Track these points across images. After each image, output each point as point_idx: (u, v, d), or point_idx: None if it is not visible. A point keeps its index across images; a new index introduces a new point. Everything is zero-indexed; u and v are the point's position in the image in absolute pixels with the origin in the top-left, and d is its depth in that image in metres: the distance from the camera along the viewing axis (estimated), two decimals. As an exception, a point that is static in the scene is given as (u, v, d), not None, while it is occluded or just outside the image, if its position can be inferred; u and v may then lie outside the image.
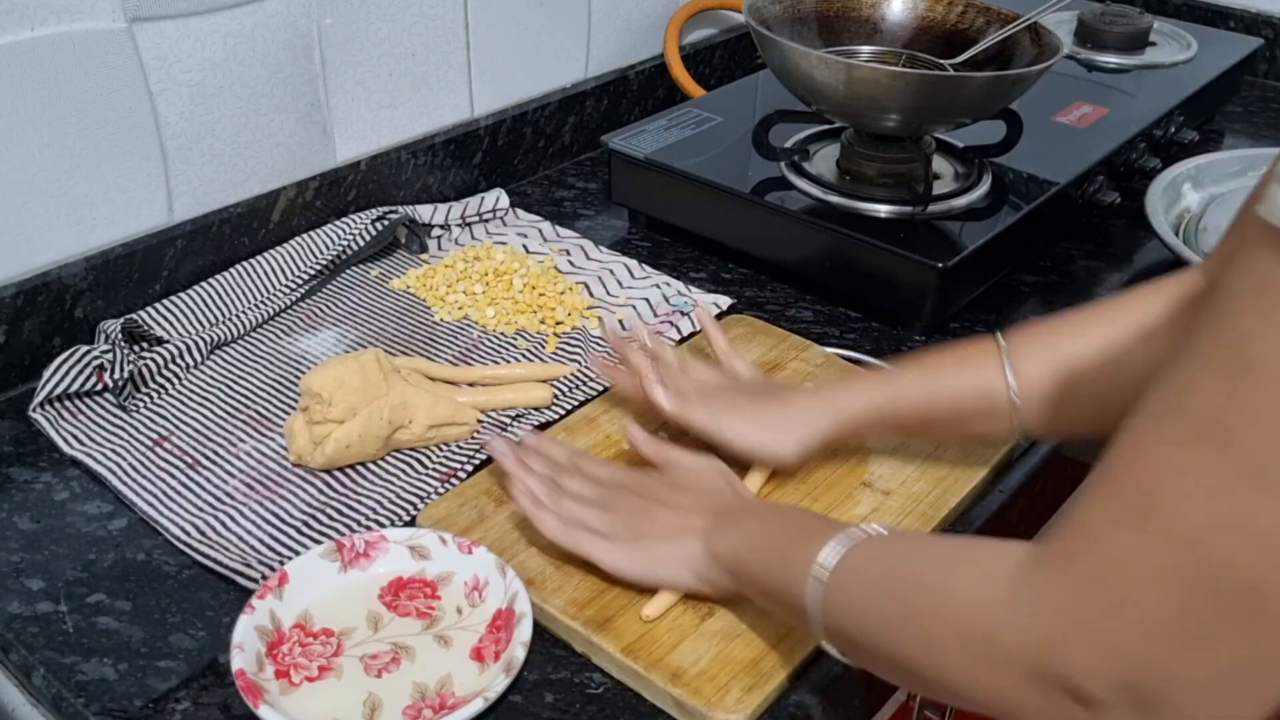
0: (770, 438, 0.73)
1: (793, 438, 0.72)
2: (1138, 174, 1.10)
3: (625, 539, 0.66)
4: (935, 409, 0.72)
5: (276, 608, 0.66)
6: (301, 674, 0.63)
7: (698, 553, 0.64)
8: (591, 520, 0.67)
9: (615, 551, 0.66)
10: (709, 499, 0.68)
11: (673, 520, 0.66)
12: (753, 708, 0.60)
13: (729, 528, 0.64)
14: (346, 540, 0.69)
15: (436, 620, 0.66)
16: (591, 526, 0.67)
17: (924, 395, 0.72)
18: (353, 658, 0.64)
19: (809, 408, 0.73)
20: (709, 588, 0.65)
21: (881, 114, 0.93)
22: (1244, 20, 1.46)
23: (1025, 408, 0.69)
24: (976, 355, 0.71)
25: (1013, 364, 0.69)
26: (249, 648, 0.63)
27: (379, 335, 0.92)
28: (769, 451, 0.73)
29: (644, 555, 0.66)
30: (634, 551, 0.66)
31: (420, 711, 0.61)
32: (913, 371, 0.73)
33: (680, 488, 0.69)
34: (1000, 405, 0.69)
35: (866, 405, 0.72)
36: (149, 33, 0.86)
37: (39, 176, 0.83)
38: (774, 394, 0.76)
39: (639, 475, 0.71)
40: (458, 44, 1.09)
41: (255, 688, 0.60)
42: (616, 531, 0.67)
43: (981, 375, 0.70)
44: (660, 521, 0.67)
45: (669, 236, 1.08)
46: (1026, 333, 0.70)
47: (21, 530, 0.73)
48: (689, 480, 0.70)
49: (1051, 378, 0.68)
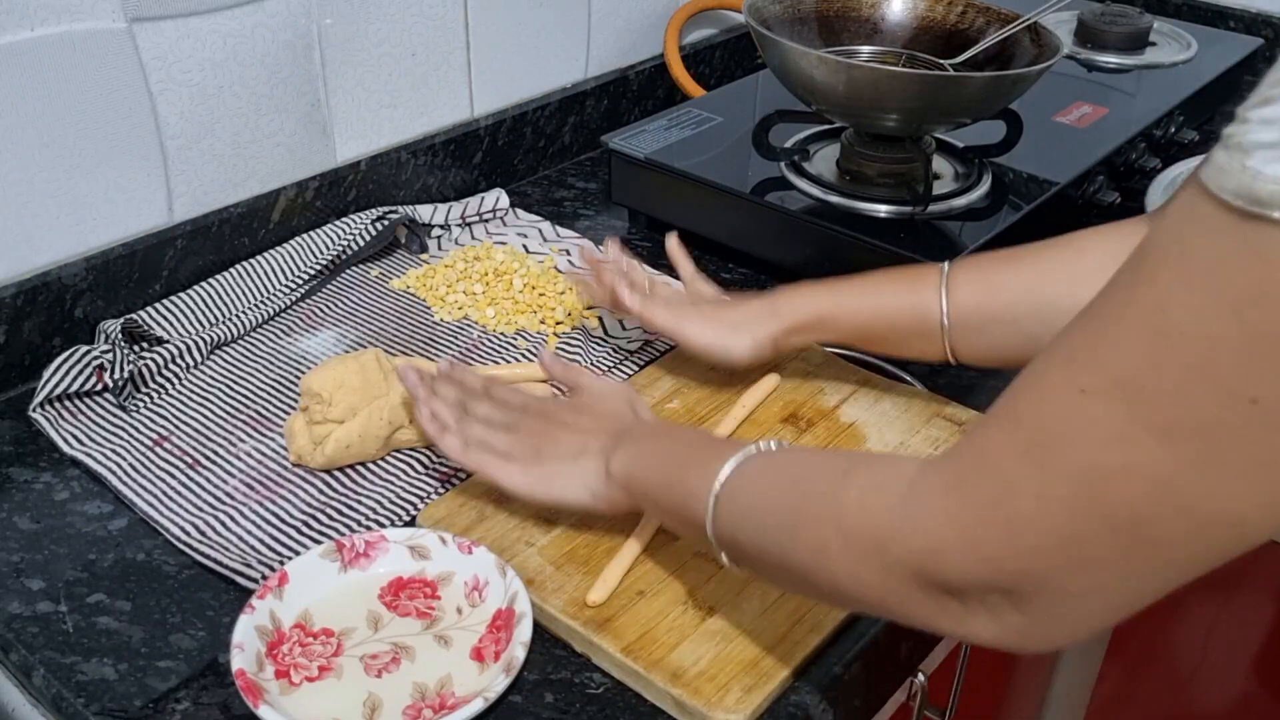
0: (725, 336, 0.79)
1: (746, 336, 0.79)
2: (1138, 174, 1.10)
3: (526, 460, 0.68)
4: (873, 323, 0.77)
5: (276, 608, 0.66)
6: (301, 674, 0.63)
7: (594, 471, 0.67)
8: (494, 441, 0.70)
9: (514, 472, 0.68)
10: (610, 420, 0.70)
11: (573, 441, 0.68)
12: (753, 708, 0.60)
13: (626, 446, 0.66)
14: (346, 540, 0.69)
15: (436, 620, 0.66)
16: (494, 448, 0.69)
17: (864, 308, 0.77)
18: (353, 658, 0.64)
19: (760, 311, 0.79)
20: (606, 505, 0.67)
21: (881, 114, 0.93)
22: (1244, 20, 1.46)
23: (954, 332, 0.73)
24: (919, 277, 0.75)
25: (949, 289, 0.73)
26: (249, 648, 0.63)
27: (379, 335, 0.92)
28: (723, 347, 0.79)
29: (542, 475, 0.68)
30: (533, 472, 0.68)
31: (420, 711, 0.61)
32: (858, 285, 0.78)
33: (583, 410, 0.71)
34: (933, 327, 0.74)
35: (811, 311, 0.78)
36: (149, 33, 0.86)
37: (39, 176, 0.84)
38: (730, 301, 0.82)
39: (546, 400, 0.74)
40: (458, 44, 1.09)
41: (255, 687, 0.60)
42: (518, 452, 0.69)
43: (919, 296, 0.74)
44: (561, 443, 0.69)
45: (669, 236, 1.08)
46: (968, 262, 0.75)
47: (21, 530, 0.73)
48: (592, 403, 0.72)
49: (981, 306, 0.73)
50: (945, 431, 0.80)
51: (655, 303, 0.81)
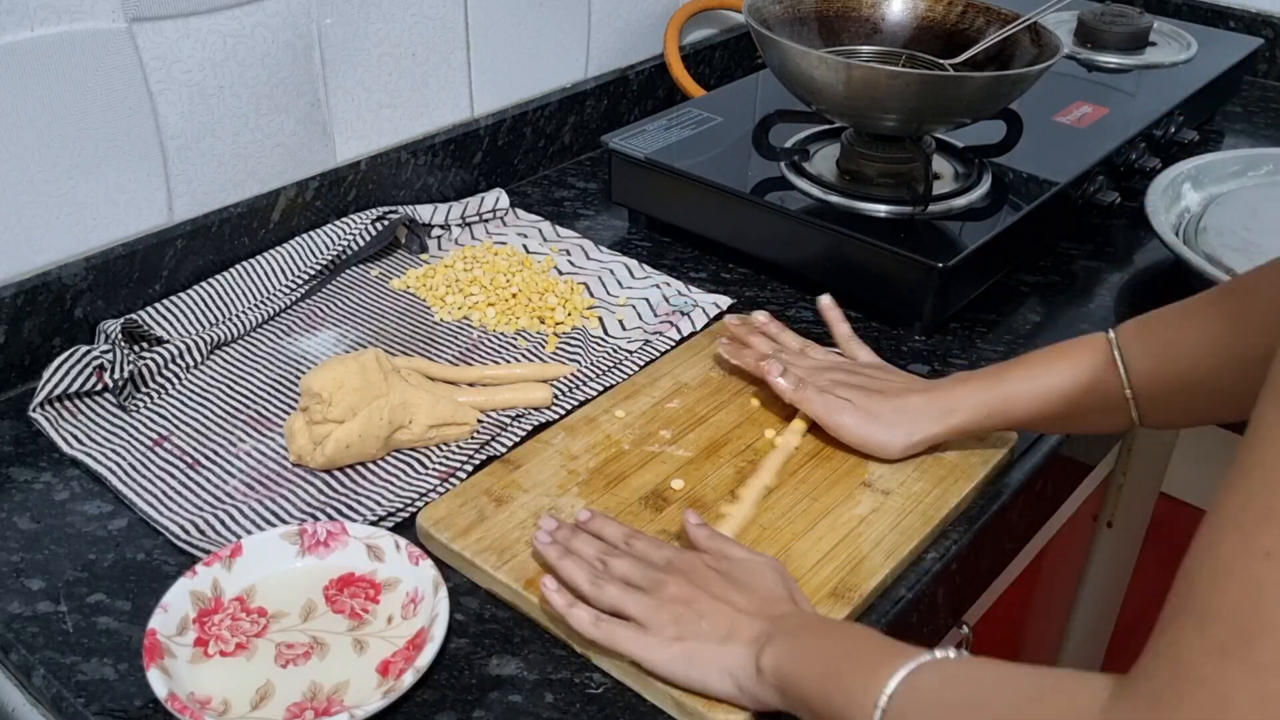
0: (879, 433, 0.76)
1: (901, 435, 0.75)
2: (1138, 174, 1.10)
3: (665, 633, 0.61)
4: (1048, 407, 0.72)
5: (222, 577, 0.67)
6: (218, 647, 0.64)
7: (743, 663, 0.59)
8: (631, 607, 0.62)
9: (653, 648, 0.61)
10: (765, 605, 0.61)
11: (721, 620, 0.60)
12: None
13: (782, 640, 0.58)
14: (310, 527, 0.70)
15: (365, 624, 0.66)
16: (631, 614, 0.62)
17: (1036, 393, 0.72)
18: (271, 642, 0.65)
19: (920, 407, 0.75)
20: (750, 701, 0.59)
21: (881, 114, 0.93)
22: (1244, 20, 1.46)
23: (1141, 401, 0.69)
24: (1088, 351, 0.71)
25: (1124, 360, 0.69)
26: (174, 610, 0.64)
27: (379, 335, 0.92)
28: (877, 445, 0.76)
29: (683, 655, 0.60)
30: (673, 649, 0.60)
31: (303, 711, 0.61)
32: (1023, 369, 0.74)
33: (736, 584, 0.63)
34: (1115, 400, 0.69)
35: (978, 405, 0.74)
36: (149, 33, 0.86)
37: (39, 176, 0.84)
38: (887, 389, 0.78)
39: (693, 559, 0.65)
40: (458, 44, 1.09)
41: (157, 649, 0.61)
42: (657, 623, 0.61)
43: (1093, 371, 0.70)
44: (708, 619, 0.61)
45: (669, 236, 1.08)
46: (1136, 326, 0.70)
47: (21, 530, 0.73)
48: (745, 577, 0.63)
49: (1161, 369, 0.68)
50: (945, 431, 0.80)
51: (807, 389, 0.78)
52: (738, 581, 0.63)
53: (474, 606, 0.68)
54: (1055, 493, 0.90)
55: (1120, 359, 0.69)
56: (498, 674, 0.64)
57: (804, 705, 0.56)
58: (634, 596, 0.63)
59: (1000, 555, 0.85)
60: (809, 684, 0.56)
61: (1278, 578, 0.35)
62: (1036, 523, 0.90)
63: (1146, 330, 0.69)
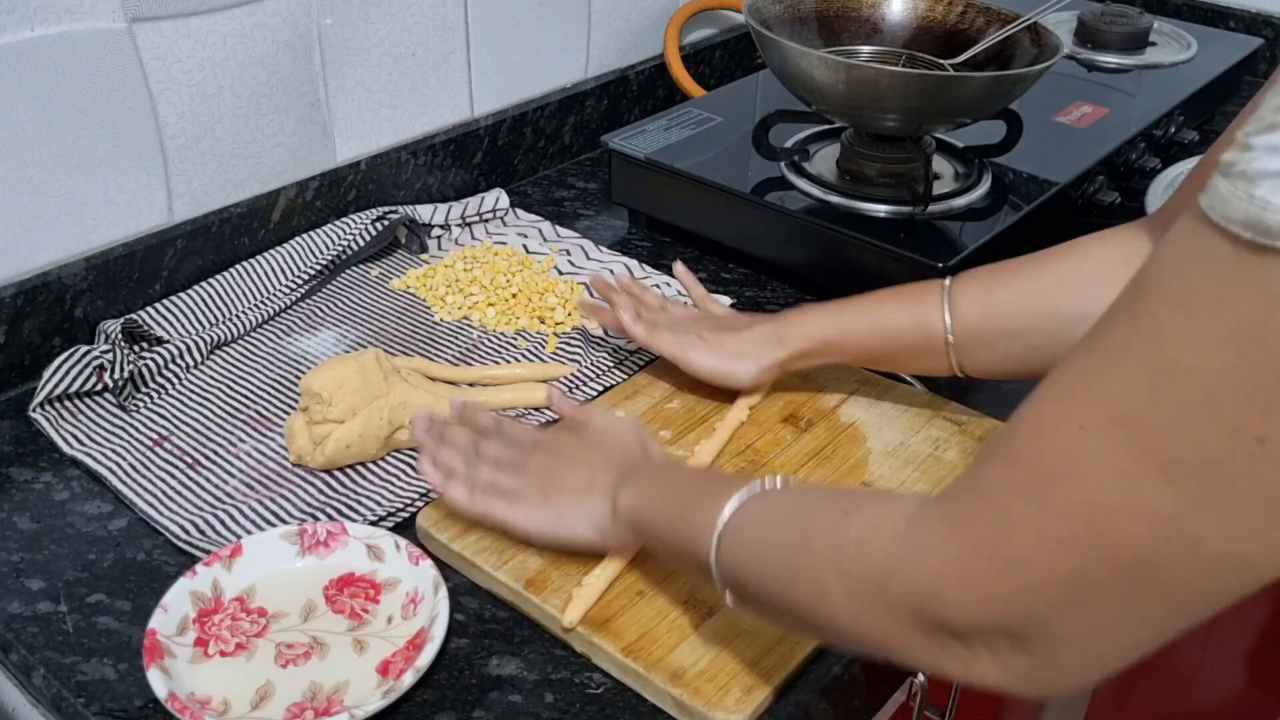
0: (729, 362, 0.80)
1: (750, 363, 0.79)
2: (1138, 174, 1.10)
3: (533, 498, 0.68)
4: (878, 343, 0.77)
5: (221, 577, 0.67)
6: (218, 647, 0.64)
7: (602, 509, 0.66)
8: (503, 481, 0.69)
9: (522, 513, 0.68)
10: (618, 456, 0.69)
11: (580, 478, 0.68)
12: (753, 708, 0.60)
13: (633, 484, 0.65)
14: (310, 527, 0.70)
15: (364, 624, 0.66)
16: (502, 488, 0.68)
17: (868, 328, 0.77)
18: (271, 642, 0.65)
19: (763, 335, 0.80)
20: (614, 543, 0.67)
21: (881, 114, 0.93)
22: (1244, 20, 1.46)
23: (960, 347, 0.73)
24: (922, 294, 0.75)
25: (951, 305, 0.73)
26: (174, 610, 0.64)
27: (379, 335, 0.92)
28: (728, 374, 0.80)
29: (549, 513, 0.67)
30: (540, 511, 0.67)
31: (303, 711, 0.61)
32: (860, 305, 0.78)
33: (592, 445, 0.70)
34: (938, 343, 0.74)
35: (815, 334, 0.78)
36: (149, 33, 0.86)
37: (39, 176, 0.83)
38: (734, 325, 0.82)
39: (555, 435, 0.73)
40: (458, 44, 1.09)
41: (158, 649, 0.61)
42: (525, 491, 0.68)
43: (923, 313, 0.74)
44: (569, 480, 0.68)
45: (669, 236, 1.08)
46: (969, 275, 0.74)
47: (21, 530, 0.73)
48: (601, 438, 0.71)
49: (985, 320, 0.72)
50: (945, 431, 0.80)
51: (659, 330, 0.82)
52: (594, 444, 0.70)
53: (474, 606, 0.68)
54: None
55: (947, 305, 0.73)
56: (498, 674, 0.64)
57: (656, 538, 0.63)
58: (506, 475, 0.69)
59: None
60: (659, 519, 0.62)
61: (1082, 447, 0.39)
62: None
63: (978, 279, 0.74)
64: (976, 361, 0.74)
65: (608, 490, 0.66)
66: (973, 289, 0.73)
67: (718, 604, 0.66)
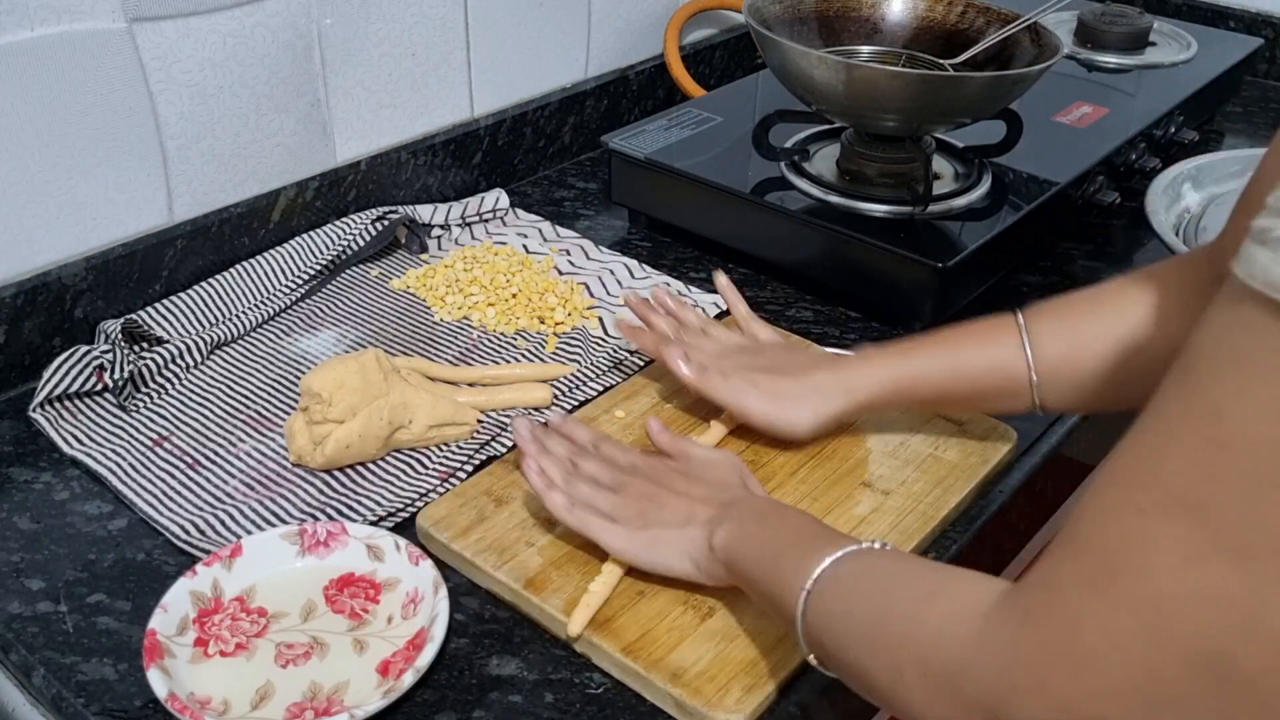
0: (785, 413, 0.75)
1: (808, 414, 0.75)
2: (1138, 174, 1.10)
3: (631, 524, 0.67)
4: (954, 387, 0.73)
5: (222, 577, 0.67)
6: (218, 647, 0.64)
7: (699, 543, 0.65)
8: (600, 502, 0.68)
9: (619, 535, 0.66)
10: (719, 491, 0.68)
11: (679, 508, 0.67)
12: (753, 708, 0.60)
13: (732, 521, 0.64)
14: (310, 527, 0.70)
15: (364, 624, 0.66)
16: (599, 509, 0.68)
17: (943, 373, 0.73)
18: (271, 642, 0.65)
19: (826, 384, 0.75)
20: (707, 578, 0.65)
21: (881, 114, 0.93)
22: (1244, 20, 1.46)
23: (1044, 385, 0.70)
24: (996, 332, 0.72)
25: (1032, 342, 0.70)
26: (174, 610, 0.64)
27: (379, 335, 0.92)
28: (784, 425, 0.76)
29: (646, 540, 0.66)
30: (637, 536, 0.66)
31: (303, 711, 0.61)
32: (930, 348, 0.74)
33: (692, 478, 0.69)
34: (1019, 383, 0.70)
35: (885, 382, 0.74)
36: (149, 33, 0.86)
37: (39, 176, 0.83)
38: (792, 368, 0.77)
39: (655, 461, 0.71)
40: (458, 44, 1.09)
41: (158, 649, 0.61)
42: (623, 515, 0.67)
43: (1002, 353, 0.71)
44: (668, 509, 0.67)
45: (669, 236, 1.08)
46: (1044, 310, 0.71)
47: (21, 530, 0.73)
48: (702, 471, 0.70)
49: (1069, 357, 0.69)
50: (945, 431, 0.80)
51: (710, 375, 0.77)
52: (695, 477, 0.69)
53: (474, 606, 0.68)
54: (1055, 493, 0.90)
55: (1027, 342, 0.70)
56: (498, 674, 0.64)
57: (748, 583, 0.62)
58: (603, 494, 0.68)
59: (1000, 555, 0.85)
60: (752, 564, 0.61)
61: (1144, 532, 0.38)
62: (1036, 523, 0.90)
63: (1055, 314, 0.71)
64: (1062, 399, 0.71)
65: (706, 524, 0.65)
66: (1052, 324, 0.70)
67: (718, 604, 0.66)
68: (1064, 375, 0.69)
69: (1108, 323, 0.68)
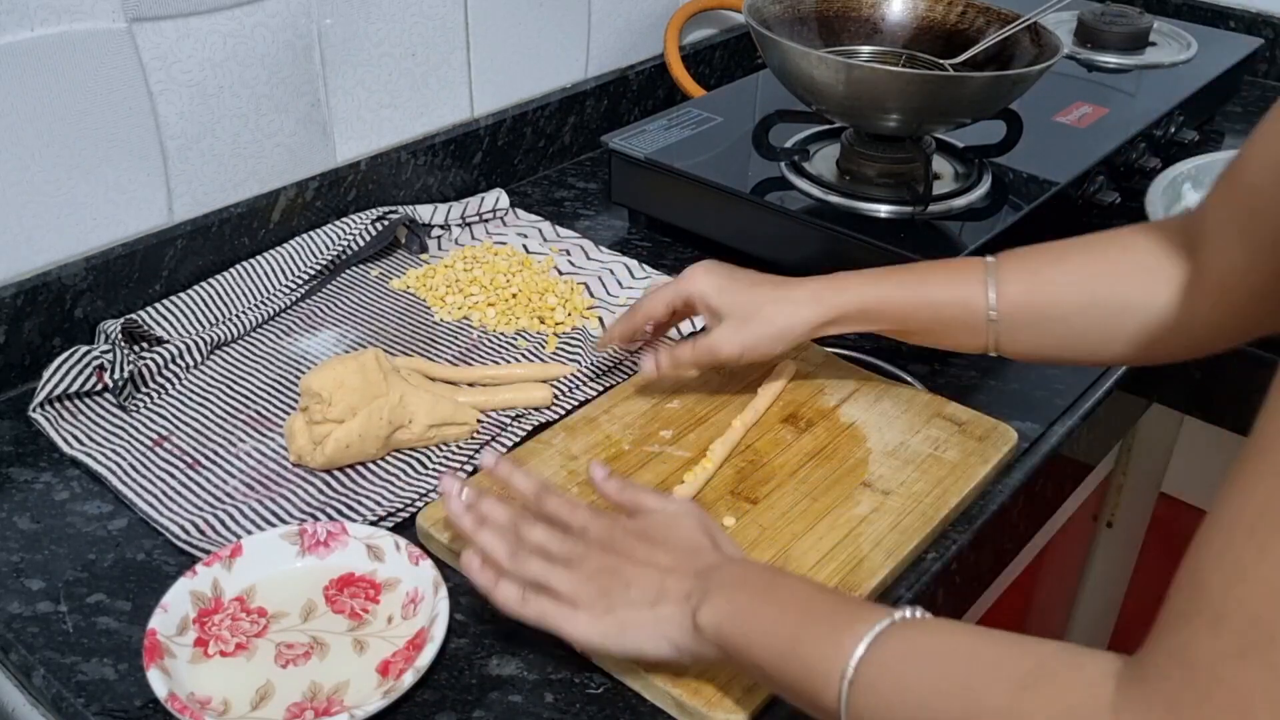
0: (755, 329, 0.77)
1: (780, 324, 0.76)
2: (1138, 174, 1.10)
3: (594, 607, 0.60)
4: (918, 314, 0.75)
5: (221, 577, 0.67)
6: (218, 647, 0.64)
7: (678, 623, 0.58)
8: (556, 582, 0.61)
9: (583, 623, 0.60)
10: (688, 558, 0.60)
11: (648, 583, 0.59)
12: (753, 708, 0.60)
13: (718, 595, 0.57)
14: (310, 527, 0.70)
15: (364, 624, 0.66)
16: (556, 590, 0.61)
17: (909, 299, 0.75)
18: (271, 642, 0.65)
19: (797, 296, 0.77)
20: (691, 660, 0.59)
21: (881, 114, 0.93)
22: (1244, 20, 1.46)
23: (1001, 326, 0.72)
24: (964, 270, 0.73)
25: (996, 282, 0.71)
26: (174, 610, 0.64)
27: (379, 335, 0.92)
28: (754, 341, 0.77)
29: (615, 626, 0.59)
30: (604, 622, 0.60)
31: (303, 711, 0.61)
32: (900, 275, 0.76)
33: (655, 542, 0.62)
34: (978, 320, 0.72)
35: (853, 300, 0.76)
36: (149, 33, 0.86)
37: (39, 176, 0.83)
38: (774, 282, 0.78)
39: (609, 524, 0.63)
40: (458, 44, 1.09)
41: (158, 649, 0.61)
42: (584, 597, 0.60)
43: (966, 288, 0.72)
44: (635, 586, 0.60)
45: (669, 236, 1.08)
46: (1014, 254, 0.73)
47: (21, 530, 0.73)
48: (664, 533, 0.62)
49: (1030, 302, 0.71)
50: (945, 431, 0.80)
51: (682, 349, 0.79)
52: (657, 540, 0.62)
53: (474, 606, 0.68)
54: (1055, 493, 0.90)
55: (991, 280, 0.71)
56: (498, 674, 0.64)
57: (751, 666, 0.55)
58: (557, 573, 0.61)
59: (1000, 555, 0.85)
60: (759, 648, 0.54)
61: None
62: (1036, 523, 0.90)
63: (1023, 259, 0.72)
64: (1015, 342, 0.72)
65: (683, 600, 0.58)
66: (1018, 268, 0.72)
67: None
68: (1021, 318, 0.71)
69: (1072, 274, 0.70)
